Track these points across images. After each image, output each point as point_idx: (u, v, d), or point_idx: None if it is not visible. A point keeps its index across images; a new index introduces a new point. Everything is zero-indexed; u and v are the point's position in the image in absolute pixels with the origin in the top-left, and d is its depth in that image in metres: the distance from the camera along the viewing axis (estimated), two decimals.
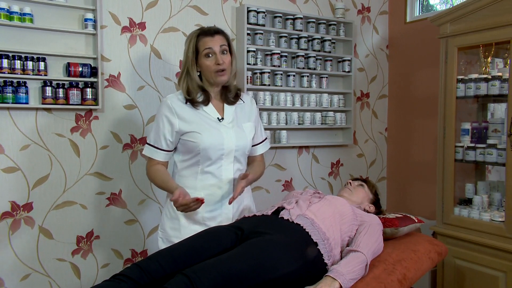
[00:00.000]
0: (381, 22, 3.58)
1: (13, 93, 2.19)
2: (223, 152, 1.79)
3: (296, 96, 3.06)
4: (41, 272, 2.38)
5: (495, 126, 2.46)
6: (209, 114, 1.82)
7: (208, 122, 1.80)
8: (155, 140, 1.82)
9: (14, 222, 2.30)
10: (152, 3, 2.62)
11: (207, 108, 1.83)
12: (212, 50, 1.76)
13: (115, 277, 1.40)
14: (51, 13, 2.32)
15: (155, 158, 1.83)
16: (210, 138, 1.76)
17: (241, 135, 1.84)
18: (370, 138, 3.57)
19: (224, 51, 1.79)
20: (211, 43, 1.76)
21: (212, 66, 1.77)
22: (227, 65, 1.79)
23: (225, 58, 1.78)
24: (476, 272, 2.44)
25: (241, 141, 1.83)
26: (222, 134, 1.79)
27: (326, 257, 1.59)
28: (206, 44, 1.77)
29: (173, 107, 1.79)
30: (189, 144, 1.78)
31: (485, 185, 2.63)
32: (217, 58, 1.76)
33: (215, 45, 1.76)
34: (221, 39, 1.79)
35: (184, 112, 1.79)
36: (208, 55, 1.77)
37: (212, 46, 1.76)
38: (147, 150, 1.84)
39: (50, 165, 2.38)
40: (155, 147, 1.82)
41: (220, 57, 1.76)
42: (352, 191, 2.08)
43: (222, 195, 1.83)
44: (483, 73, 2.54)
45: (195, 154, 1.79)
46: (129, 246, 2.63)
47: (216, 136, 1.77)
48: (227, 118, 1.84)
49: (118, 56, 2.53)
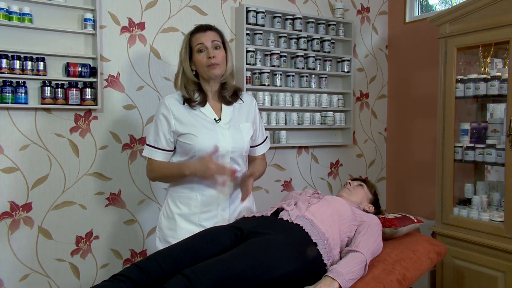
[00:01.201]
0: (381, 22, 3.58)
1: (12, 93, 2.19)
2: (219, 153, 1.79)
3: (295, 96, 3.06)
4: (40, 272, 2.38)
5: (494, 126, 2.46)
6: (205, 115, 1.82)
7: (204, 123, 1.79)
8: (155, 140, 1.82)
9: (13, 222, 2.30)
10: (151, 3, 2.62)
11: (204, 109, 1.82)
12: (204, 45, 1.77)
13: (114, 277, 1.40)
14: (50, 13, 2.32)
15: (155, 159, 1.82)
16: (206, 140, 1.75)
17: (238, 136, 1.83)
18: (369, 138, 3.57)
19: (217, 46, 1.79)
20: (203, 39, 1.78)
21: (204, 60, 1.77)
22: (220, 60, 1.78)
23: (217, 53, 1.78)
24: (475, 272, 2.44)
25: (238, 143, 1.82)
26: (218, 135, 1.78)
27: (326, 257, 1.59)
28: (198, 40, 1.78)
29: (170, 107, 1.79)
30: (185, 146, 1.78)
31: (484, 185, 2.64)
32: (208, 52, 1.77)
33: (206, 41, 1.77)
34: (213, 35, 1.80)
35: (181, 113, 1.79)
36: (201, 50, 1.78)
37: (203, 42, 1.77)
38: (147, 151, 1.84)
39: (49, 165, 2.38)
40: (155, 147, 1.82)
41: (212, 51, 1.77)
42: (351, 191, 2.08)
43: (218, 196, 1.82)
44: (482, 73, 2.54)
45: (191, 156, 1.78)
46: (129, 246, 2.62)
47: (212, 138, 1.77)
48: (224, 119, 1.83)
49: (117, 56, 2.53)
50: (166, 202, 1.88)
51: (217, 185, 1.78)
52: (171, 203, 1.85)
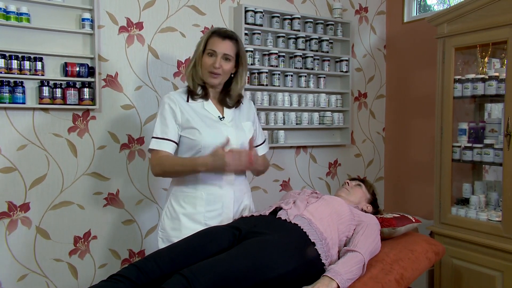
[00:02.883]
0: (379, 22, 3.58)
1: (10, 93, 2.18)
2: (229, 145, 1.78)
3: (293, 96, 3.06)
4: (38, 273, 2.37)
5: (492, 126, 2.47)
6: (209, 113, 1.83)
7: (208, 121, 1.81)
8: (163, 131, 1.78)
9: (11, 222, 2.30)
10: (149, 3, 2.61)
11: (208, 106, 1.84)
12: (216, 53, 1.78)
13: (112, 277, 1.40)
14: (48, 13, 2.32)
15: (163, 149, 1.76)
16: (211, 136, 1.77)
17: (241, 134, 1.85)
18: (367, 138, 3.58)
19: (227, 58, 1.80)
20: (217, 46, 1.78)
21: (209, 64, 1.78)
22: (224, 71, 1.80)
23: (225, 64, 1.79)
24: (473, 271, 2.44)
25: (241, 140, 1.84)
26: (223, 132, 1.79)
27: (324, 257, 1.59)
28: (213, 45, 1.79)
29: (176, 99, 1.81)
30: (188, 142, 1.78)
31: (482, 185, 2.64)
32: (216, 60, 1.78)
33: (219, 49, 1.78)
34: (229, 48, 1.80)
35: (185, 109, 1.80)
36: (211, 54, 1.79)
37: (216, 49, 1.78)
38: (155, 143, 1.78)
39: (47, 165, 2.37)
40: (163, 138, 1.78)
41: (220, 61, 1.78)
42: (349, 191, 2.08)
43: (223, 195, 1.82)
44: (480, 73, 2.55)
45: (196, 152, 1.78)
46: (127, 246, 2.62)
47: (217, 135, 1.78)
48: (227, 118, 1.86)
49: (115, 56, 2.52)
50: (169, 202, 1.87)
51: (227, 176, 1.78)
52: (175, 203, 1.85)
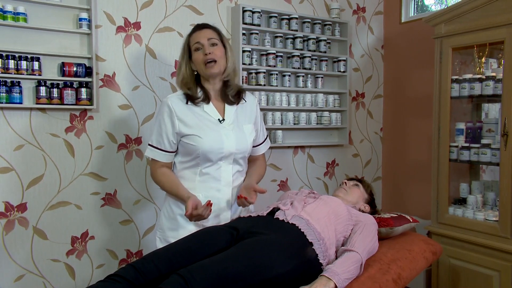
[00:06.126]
0: (376, 22, 3.59)
1: (6, 93, 2.18)
2: (222, 154, 1.78)
3: (291, 96, 3.06)
4: (35, 273, 2.37)
5: (489, 126, 2.47)
6: (209, 115, 1.81)
7: (208, 124, 1.79)
8: (158, 141, 1.81)
9: (8, 222, 2.29)
10: (147, 2, 2.61)
11: (208, 108, 1.82)
12: (200, 43, 1.78)
13: (110, 277, 1.39)
14: (46, 13, 2.31)
15: (158, 160, 1.81)
16: (210, 141, 1.75)
17: (242, 137, 1.83)
18: (365, 138, 3.58)
19: (214, 43, 1.79)
20: (199, 37, 1.78)
21: (201, 58, 1.77)
22: (218, 57, 1.78)
23: (215, 49, 1.78)
24: (471, 271, 2.45)
25: (242, 144, 1.82)
26: (222, 136, 1.78)
27: (321, 257, 1.59)
28: (195, 39, 1.79)
29: (173, 108, 1.78)
30: (189, 147, 1.78)
31: (479, 184, 2.65)
32: (204, 49, 1.77)
33: (202, 38, 1.78)
34: (209, 32, 1.80)
35: (184, 114, 1.78)
36: (198, 48, 1.78)
37: (199, 40, 1.78)
38: (150, 152, 1.83)
39: (44, 166, 2.37)
40: (158, 149, 1.81)
41: (208, 48, 1.77)
42: (347, 191, 2.08)
43: (221, 198, 1.82)
44: (477, 73, 2.55)
45: (194, 157, 1.78)
46: (124, 246, 2.62)
47: (216, 139, 1.76)
48: (227, 119, 1.83)
49: (113, 56, 2.52)
50: (167, 203, 1.87)
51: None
52: (172, 203, 1.85)
